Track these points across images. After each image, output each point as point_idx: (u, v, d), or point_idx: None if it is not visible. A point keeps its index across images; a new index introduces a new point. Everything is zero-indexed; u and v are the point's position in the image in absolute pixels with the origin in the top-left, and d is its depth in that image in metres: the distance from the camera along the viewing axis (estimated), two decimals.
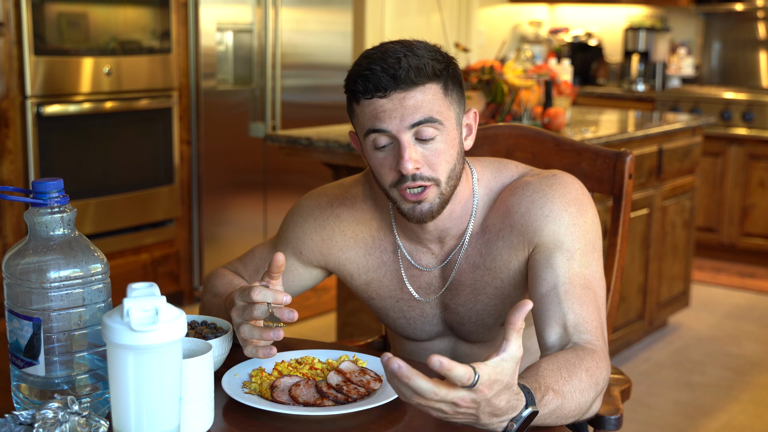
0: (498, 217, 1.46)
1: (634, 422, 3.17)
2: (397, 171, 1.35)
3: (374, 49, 1.37)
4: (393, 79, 1.31)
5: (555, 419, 1.23)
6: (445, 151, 1.36)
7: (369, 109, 1.34)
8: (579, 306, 1.36)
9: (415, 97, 1.33)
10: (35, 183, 1.18)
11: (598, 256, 1.43)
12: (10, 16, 3.41)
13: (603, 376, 1.31)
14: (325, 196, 1.57)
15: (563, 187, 1.43)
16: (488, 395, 1.08)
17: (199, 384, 1.16)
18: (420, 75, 1.32)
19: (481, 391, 1.06)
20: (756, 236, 5.26)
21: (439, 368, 1.02)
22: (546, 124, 3.36)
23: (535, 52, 5.88)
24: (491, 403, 1.09)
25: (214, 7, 4.11)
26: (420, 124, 1.33)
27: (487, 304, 1.51)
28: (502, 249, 1.46)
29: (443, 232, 1.47)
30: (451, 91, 1.37)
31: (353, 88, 1.35)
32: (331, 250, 1.55)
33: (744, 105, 5.27)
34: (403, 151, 1.33)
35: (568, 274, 1.38)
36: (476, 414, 1.10)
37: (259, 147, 4.40)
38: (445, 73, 1.36)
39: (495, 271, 1.47)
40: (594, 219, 1.44)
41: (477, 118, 1.45)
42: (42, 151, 3.55)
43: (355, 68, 1.36)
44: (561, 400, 1.23)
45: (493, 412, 1.10)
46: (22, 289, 1.17)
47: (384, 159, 1.36)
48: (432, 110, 1.34)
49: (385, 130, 1.33)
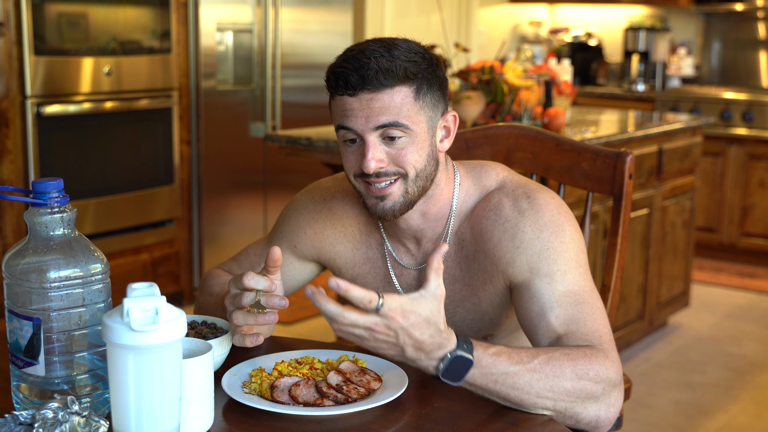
0: (473, 236, 1.45)
1: (634, 422, 3.16)
2: (360, 167, 1.36)
3: (356, 45, 1.37)
4: (361, 79, 1.32)
5: (511, 387, 1.22)
6: (412, 151, 1.36)
7: (339, 105, 1.36)
8: (575, 325, 1.34)
9: (382, 99, 1.33)
10: (35, 183, 1.18)
11: (584, 269, 1.39)
12: (10, 16, 3.41)
13: (598, 369, 1.26)
14: (319, 190, 1.59)
15: (535, 212, 1.40)
16: (403, 324, 1.15)
17: (199, 384, 1.16)
18: (389, 77, 1.32)
19: (393, 318, 1.14)
20: (756, 236, 5.26)
21: (336, 289, 1.12)
22: (546, 124, 3.36)
23: (535, 52, 5.88)
24: (410, 334, 1.16)
25: (214, 7, 4.11)
26: (384, 127, 1.34)
27: (465, 318, 1.51)
28: (478, 271, 1.45)
29: (418, 233, 1.47)
30: (423, 95, 1.36)
31: (328, 82, 1.37)
32: (323, 243, 1.56)
33: (744, 105, 5.27)
34: (367, 150, 1.34)
35: (554, 298, 1.36)
36: (398, 344, 1.17)
37: (259, 147, 4.40)
38: (420, 76, 1.35)
39: (473, 289, 1.47)
40: (572, 235, 1.40)
41: (456, 120, 1.44)
42: (42, 151, 3.55)
43: (333, 63, 1.37)
44: (518, 367, 1.22)
45: (416, 345, 1.18)
46: (22, 289, 1.17)
47: (351, 153, 1.38)
48: (399, 114, 1.34)
49: (350, 127, 1.35)
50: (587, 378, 1.25)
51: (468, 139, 1.85)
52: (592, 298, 1.37)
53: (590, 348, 1.29)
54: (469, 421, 1.23)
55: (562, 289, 1.36)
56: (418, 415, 1.25)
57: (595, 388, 1.26)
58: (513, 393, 1.23)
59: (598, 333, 1.33)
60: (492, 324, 1.51)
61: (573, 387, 1.25)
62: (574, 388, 1.25)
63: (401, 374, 1.32)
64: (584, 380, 1.25)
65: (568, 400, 1.25)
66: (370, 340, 1.18)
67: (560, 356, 1.26)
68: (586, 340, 1.32)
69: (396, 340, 1.17)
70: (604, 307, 1.43)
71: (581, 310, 1.35)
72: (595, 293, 1.39)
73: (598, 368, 1.26)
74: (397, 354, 1.20)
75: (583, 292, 1.37)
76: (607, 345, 1.32)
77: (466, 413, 1.26)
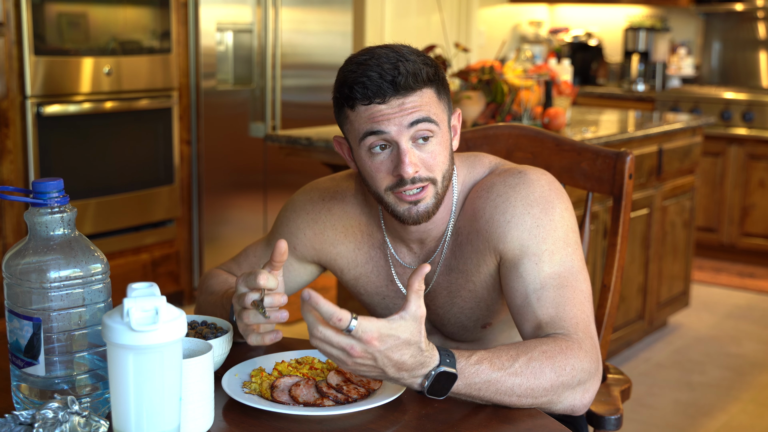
0: (467, 220, 1.46)
1: (634, 422, 3.17)
2: (395, 175, 1.35)
3: (364, 55, 1.36)
4: (392, 85, 1.32)
5: (495, 393, 1.24)
6: (440, 153, 1.37)
7: (366, 114, 1.34)
8: (554, 309, 1.35)
9: (414, 101, 1.34)
10: (35, 183, 1.18)
11: (573, 249, 1.40)
12: (10, 16, 3.41)
13: (573, 363, 1.28)
14: (317, 191, 1.58)
15: (527, 186, 1.41)
16: (381, 348, 1.15)
17: (199, 384, 1.16)
18: (417, 80, 1.33)
19: (369, 342, 1.14)
20: (756, 236, 5.26)
21: (308, 300, 1.12)
22: (546, 124, 3.36)
23: (535, 52, 5.88)
24: (389, 357, 1.16)
25: (214, 7, 4.11)
26: (418, 122, 1.33)
27: (463, 307, 1.51)
28: (471, 254, 1.46)
29: (426, 233, 1.48)
30: (441, 96, 1.38)
31: (350, 94, 1.34)
32: (323, 244, 1.55)
33: (744, 105, 5.27)
34: (404, 155, 1.33)
35: (539, 279, 1.37)
36: (378, 367, 1.17)
37: (259, 147, 4.40)
38: (437, 78, 1.37)
39: (468, 275, 1.47)
40: (563, 213, 1.41)
41: (460, 118, 1.46)
42: (42, 151, 3.55)
43: (349, 75, 1.35)
44: (500, 373, 1.24)
45: (397, 366, 1.17)
46: (22, 289, 1.17)
47: (380, 164, 1.36)
48: (429, 111, 1.35)
49: (384, 131, 1.33)
50: (564, 373, 1.28)
51: (468, 139, 1.86)
52: (577, 280, 1.38)
53: (565, 340, 1.31)
54: (469, 421, 1.23)
55: (548, 271, 1.37)
56: (418, 415, 1.25)
57: (572, 381, 1.29)
58: (496, 397, 1.25)
59: (575, 319, 1.34)
60: (489, 312, 1.51)
61: (552, 384, 1.27)
62: (552, 385, 1.27)
63: None
64: (562, 376, 1.28)
65: (547, 396, 1.27)
66: (348, 364, 1.17)
67: (539, 356, 1.27)
68: (563, 326, 1.33)
69: (375, 363, 1.17)
70: (594, 296, 1.43)
71: (563, 294, 1.36)
72: (582, 273, 1.40)
73: (574, 361, 1.29)
74: (379, 375, 1.20)
75: (569, 274, 1.38)
76: (582, 333, 1.33)
77: (465, 413, 1.26)
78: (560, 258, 1.38)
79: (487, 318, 1.53)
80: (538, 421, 1.25)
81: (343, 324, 1.13)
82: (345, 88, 1.35)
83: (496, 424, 1.23)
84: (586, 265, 1.43)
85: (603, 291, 1.72)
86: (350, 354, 1.15)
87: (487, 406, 1.28)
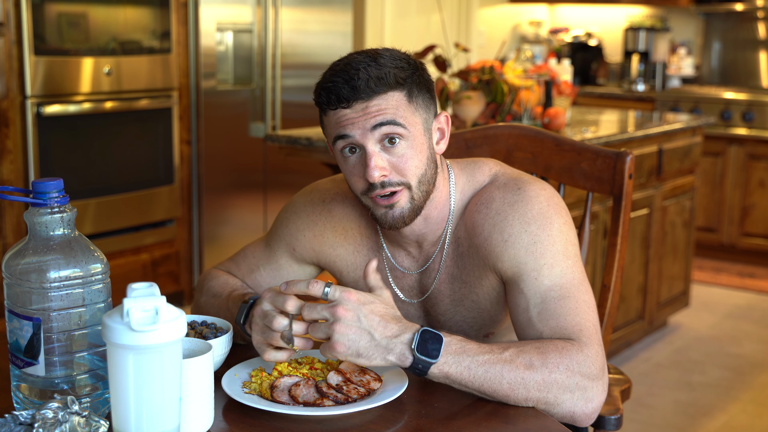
0: (466, 232, 1.46)
1: (634, 422, 3.17)
2: (365, 179, 1.36)
3: (340, 60, 1.39)
4: (353, 90, 1.33)
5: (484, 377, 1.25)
6: (412, 156, 1.37)
7: (334, 119, 1.37)
8: (555, 320, 1.35)
9: (378, 104, 1.34)
10: (35, 183, 1.18)
11: (573, 262, 1.40)
12: (10, 16, 3.41)
13: (568, 364, 1.27)
14: (318, 192, 1.58)
15: (525, 204, 1.41)
16: (362, 301, 1.24)
17: (199, 384, 1.16)
18: (380, 84, 1.34)
19: (349, 300, 1.24)
20: (756, 236, 5.26)
21: (285, 290, 1.26)
22: (546, 124, 3.36)
23: (535, 52, 5.88)
24: (372, 312, 1.24)
25: (214, 7, 4.11)
26: (382, 125, 1.34)
27: (466, 316, 1.51)
28: (473, 267, 1.46)
29: (420, 237, 1.47)
30: (416, 98, 1.38)
31: (318, 99, 1.38)
32: (322, 246, 1.55)
33: (744, 105, 5.27)
34: (369, 159, 1.34)
35: (540, 293, 1.37)
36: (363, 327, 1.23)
37: (259, 147, 4.40)
38: (410, 81, 1.37)
39: (470, 286, 1.48)
40: (561, 228, 1.40)
41: (449, 121, 1.46)
42: (42, 151, 3.55)
43: (321, 80, 1.39)
44: (488, 356, 1.25)
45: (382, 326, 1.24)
46: (22, 289, 1.17)
47: (353, 167, 1.38)
48: (395, 114, 1.35)
49: (350, 135, 1.35)
50: (558, 371, 1.27)
51: (468, 139, 1.85)
52: (579, 291, 1.38)
53: (564, 341, 1.31)
54: (469, 421, 1.23)
55: (548, 284, 1.37)
56: (418, 415, 1.25)
57: (568, 381, 1.27)
58: (487, 383, 1.25)
59: (578, 327, 1.34)
60: (492, 321, 1.51)
61: (544, 379, 1.26)
62: (545, 380, 1.26)
63: (401, 374, 1.32)
64: (555, 373, 1.27)
65: (540, 393, 1.27)
66: (337, 332, 1.22)
67: (531, 349, 1.28)
68: (566, 335, 1.33)
69: (359, 323, 1.23)
70: (595, 301, 1.43)
71: (564, 305, 1.35)
72: (583, 285, 1.39)
73: (568, 362, 1.28)
74: (369, 342, 1.23)
75: (570, 285, 1.37)
76: (586, 338, 1.32)
77: (465, 413, 1.26)
78: (560, 270, 1.38)
79: (490, 327, 1.53)
80: (538, 421, 1.25)
81: (318, 286, 1.24)
82: (316, 93, 1.39)
83: (496, 424, 1.23)
84: (587, 277, 1.42)
85: (603, 291, 1.72)
86: (335, 316, 1.23)
87: (486, 405, 1.27)
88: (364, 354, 1.24)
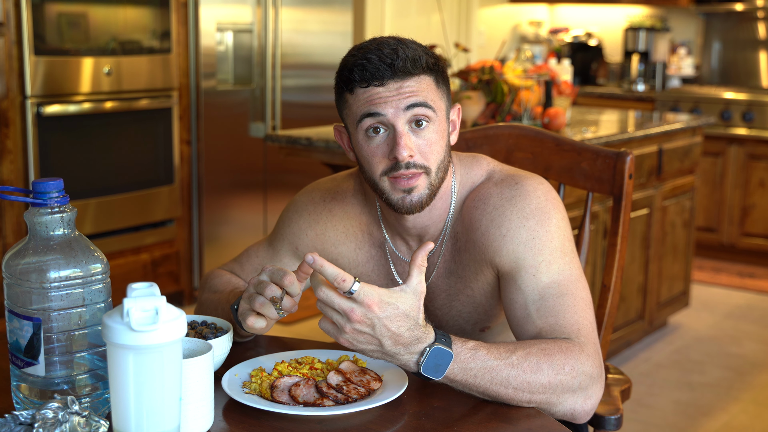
0: (464, 227, 1.47)
1: (634, 422, 3.17)
2: (390, 158, 1.36)
3: (367, 42, 1.40)
4: (390, 68, 1.34)
5: (490, 382, 1.24)
6: (436, 141, 1.38)
7: (364, 97, 1.36)
8: (554, 317, 1.35)
9: (411, 85, 1.35)
10: (35, 183, 1.18)
11: (570, 258, 1.40)
12: (10, 16, 3.41)
13: (573, 364, 1.28)
14: (318, 191, 1.59)
15: (522, 199, 1.42)
16: (380, 314, 1.18)
17: (199, 384, 1.16)
18: (415, 66, 1.35)
19: (369, 307, 1.17)
20: (756, 236, 5.26)
21: (312, 263, 1.18)
22: (546, 124, 3.36)
23: (535, 52, 5.87)
24: (387, 326, 1.18)
25: (214, 7, 4.11)
26: (415, 106, 1.35)
27: (461, 311, 1.52)
28: (469, 262, 1.46)
29: (423, 229, 1.48)
30: (440, 85, 1.40)
31: (349, 77, 1.37)
32: (324, 245, 1.56)
33: (744, 105, 5.27)
34: (399, 138, 1.34)
35: (538, 290, 1.37)
36: (376, 337, 1.19)
37: (259, 147, 4.40)
38: (437, 67, 1.39)
39: (466, 281, 1.48)
40: (558, 223, 1.41)
41: (460, 113, 1.47)
42: (42, 151, 3.55)
43: (349, 59, 1.38)
44: (497, 362, 1.25)
45: (394, 338, 1.20)
46: (22, 289, 1.17)
47: (376, 148, 1.37)
48: (427, 97, 1.36)
49: (381, 113, 1.35)
50: (563, 373, 1.28)
51: (468, 139, 1.86)
52: (576, 288, 1.38)
53: (567, 342, 1.31)
54: (469, 421, 1.23)
55: (546, 281, 1.37)
56: (418, 415, 1.25)
57: (572, 382, 1.29)
58: (492, 388, 1.25)
59: (576, 326, 1.34)
60: (488, 316, 1.52)
61: (549, 382, 1.27)
62: (550, 383, 1.27)
63: (401, 374, 1.32)
64: (561, 375, 1.28)
65: (545, 394, 1.27)
66: (347, 332, 1.20)
67: (537, 352, 1.28)
68: (565, 333, 1.34)
69: (372, 332, 1.19)
70: (593, 299, 1.43)
71: (563, 302, 1.36)
72: (581, 281, 1.40)
73: (573, 362, 1.29)
74: (376, 348, 1.21)
75: (568, 282, 1.38)
76: (584, 338, 1.33)
77: (465, 413, 1.26)
78: (558, 267, 1.38)
79: (485, 322, 1.53)
80: (538, 421, 1.25)
81: (346, 285, 1.17)
82: (345, 72, 1.38)
83: (496, 424, 1.23)
84: (584, 273, 1.43)
85: (603, 291, 1.72)
86: (350, 318, 1.18)
87: (486, 405, 1.28)
88: (369, 355, 1.25)
